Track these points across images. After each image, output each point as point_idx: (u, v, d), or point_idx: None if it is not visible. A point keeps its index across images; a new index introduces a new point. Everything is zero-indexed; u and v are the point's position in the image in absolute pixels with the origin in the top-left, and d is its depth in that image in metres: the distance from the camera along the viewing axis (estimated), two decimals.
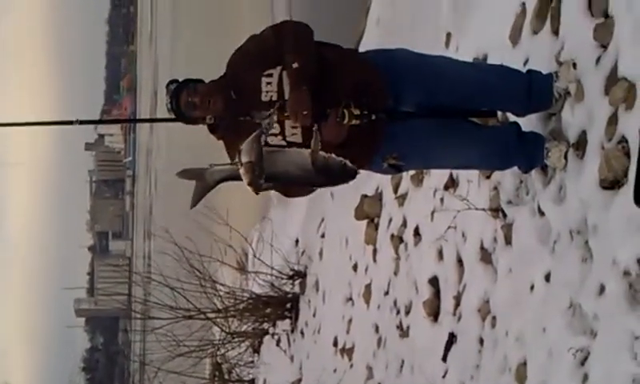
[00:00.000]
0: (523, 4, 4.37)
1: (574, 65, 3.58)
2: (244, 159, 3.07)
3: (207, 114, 3.38)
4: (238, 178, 3.15)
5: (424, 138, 3.51)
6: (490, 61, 4.70)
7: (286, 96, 3.28)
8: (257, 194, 3.14)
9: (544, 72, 3.70)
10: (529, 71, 3.78)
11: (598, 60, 3.43)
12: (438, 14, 6.04)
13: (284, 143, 3.35)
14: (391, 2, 7.67)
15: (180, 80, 3.44)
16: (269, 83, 3.32)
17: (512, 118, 3.83)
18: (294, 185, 3.40)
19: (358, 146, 3.37)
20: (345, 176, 3.16)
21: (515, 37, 4.37)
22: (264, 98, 3.32)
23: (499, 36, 4.58)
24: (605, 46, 3.41)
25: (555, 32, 3.93)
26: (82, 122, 3.59)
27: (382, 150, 3.45)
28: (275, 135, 3.35)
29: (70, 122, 3.56)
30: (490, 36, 4.82)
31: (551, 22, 3.97)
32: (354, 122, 3.26)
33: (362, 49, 6.02)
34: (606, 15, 3.48)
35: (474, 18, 5.34)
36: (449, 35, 5.78)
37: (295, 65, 3.22)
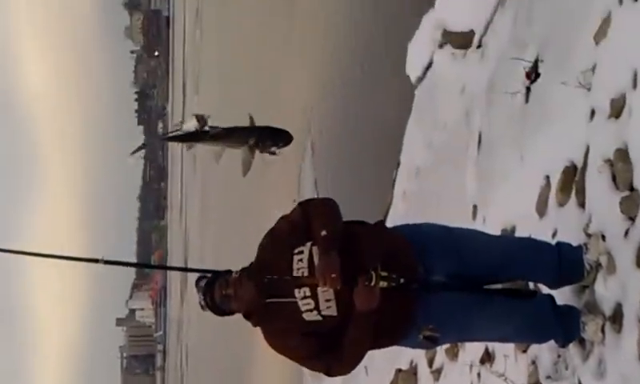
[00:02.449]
0: (547, 177, 4.45)
1: (603, 237, 3.60)
2: None
3: (243, 304, 3.39)
4: None
5: (459, 310, 3.47)
6: (517, 232, 4.73)
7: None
8: None
9: (573, 244, 3.70)
10: (558, 243, 3.78)
11: (626, 233, 3.45)
12: (464, 187, 6.14)
13: (319, 318, 3.34)
14: (416, 175, 7.82)
15: (208, 276, 3.44)
16: (300, 260, 3.35)
17: (545, 289, 3.81)
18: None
19: (393, 316, 3.34)
20: None
21: (542, 209, 4.42)
22: (295, 274, 3.34)
23: (526, 208, 4.63)
24: (632, 219, 3.44)
25: (581, 205, 3.97)
26: (106, 262, 3.55)
27: (417, 321, 3.40)
28: (310, 310, 3.34)
29: (96, 260, 3.52)
30: (517, 208, 4.88)
31: (576, 195, 4.03)
32: (382, 283, 3.23)
33: (389, 221, 6.11)
34: (631, 188, 3.52)
35: (500, 191, 5.42)
36: (475, 207, 5.85)
37: (323, 232, 3.27)
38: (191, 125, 7.64)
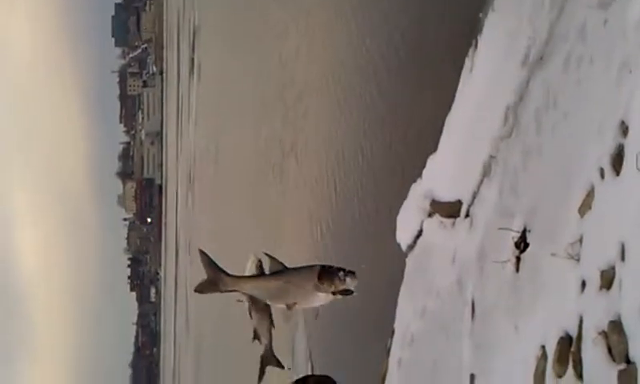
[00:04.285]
0: (543, 347, 4.43)
1: None
2: None
3: None
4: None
5: None
6: None
7: None
8: None
9: None
10: None
11: None
12: (460, 356, 6.09)
13: None
14: (411, 343, 7.76)
15: None
16: None
17: None
18: None
19: None
20: None
21: (540, 382, 4.38)
22: None
23: (524, 378, 4.58)
24: None
25: (579, 376, 3.95)
26: None
27: None
28: None
29: None
30: (514, 378, 4.83)
31: (574, 367, 4.00)
32: None
33: None
34: (628, 361, 3.51)
35: (497, 360, 5.38)
36: (472, 377, 5.78)
37: None
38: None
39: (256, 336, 6.05)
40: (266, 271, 4.04)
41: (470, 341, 6.05)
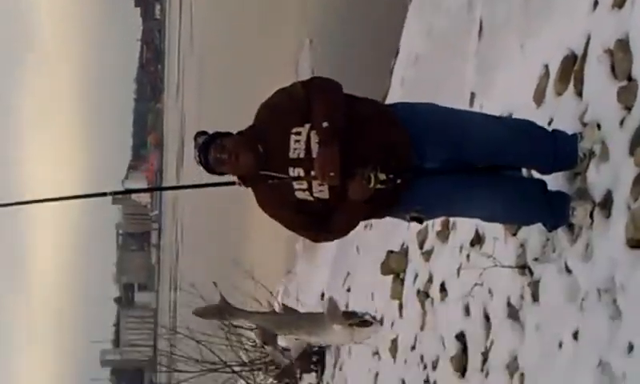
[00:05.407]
0: (546, 66, 4.47)
1: (599, 126, 3.65)
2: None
3: (235, 169, 3.45)
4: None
5: (448, 190, 3.53)
6: None
7: (314, 154, 3.34)
8: None
9: (569, 132, 3.77)
10: (553, 131, 3.84)
11: (622, 122, 3.50)
12: (462, 75, 6.15)
13: (311, 198, 3.43)
14: (415, 62, 7.80)
15: (208, 132, 3.49)
16: (297, 141, 3.38)
17: (537, 175, 3.89)
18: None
19: (381, 202, 3.44)
20: None
21: (539, 98, 4.46)
22: (292, 154, 3.39)
23: (524, 96, 4.67)
24: (629, 108, 3.49)
25: (579, 94, 4.01)
26: (113, 193, 3.71)
27: (404, 205, 3.50)
28: (302, 190, 3.42)
29: (103, 194, 3.65)
30: (515, 96, 4.92)
31: (574, 85, 4.06)
32: (379, 186, 3.32)
33: None
34: (630, 78, 3.56)
35: (498, 79, 5.44)
36: (473, 95, 5.88)
37: (325, 124, 3.28)
38: None
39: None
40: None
41: (474, 59, 6.08)
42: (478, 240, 4.97)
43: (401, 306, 6.53)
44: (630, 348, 3.13)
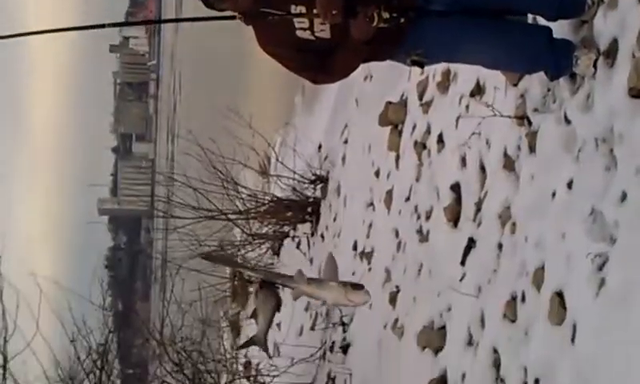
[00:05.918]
0: None
1: None
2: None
3: (236, 5, 3.36)
4: None
5: (451, 33, 3.45)
6: None
7: None
8: None
9: None
10: None
11: None
12: None
13: (312, 37, 3.36)
14: None
15: None
16: None
17: (542, 22, 3.78)
18: None
19: (383, 43, 3.37)
20: None
21: None
22: None
23: None
24: None
25: None
26: (112, 25, 3.59)
27: (406, 46, 3.43)
28: (304, 29, 3.36)
29: (102, 26, 3.55)
30: None
31: None
32: (382, 25, 3.25)
33: None
34: None
35: None
36: None
37: None
38: None
39: (254, 316, 5.86)
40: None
41: None
42: (478, 90, 4.91)
43: (397, 158, 6.54)
44: (624, 197, 3.13)
